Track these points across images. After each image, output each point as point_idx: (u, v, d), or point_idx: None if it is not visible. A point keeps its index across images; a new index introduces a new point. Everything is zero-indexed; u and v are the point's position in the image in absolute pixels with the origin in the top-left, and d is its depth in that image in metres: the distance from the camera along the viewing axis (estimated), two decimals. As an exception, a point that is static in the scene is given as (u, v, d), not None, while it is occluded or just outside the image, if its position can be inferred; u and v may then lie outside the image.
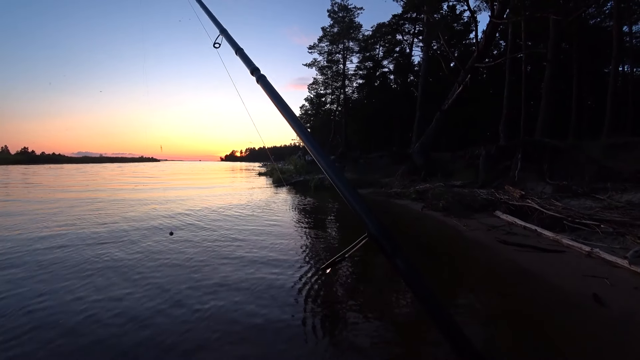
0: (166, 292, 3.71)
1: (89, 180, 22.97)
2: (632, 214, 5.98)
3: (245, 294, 3.70)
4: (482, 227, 6.88)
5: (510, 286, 4.12)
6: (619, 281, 3.88)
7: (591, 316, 3.23)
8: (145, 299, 3.53)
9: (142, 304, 3.43)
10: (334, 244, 6.13)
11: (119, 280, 4.08)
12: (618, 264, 4.29)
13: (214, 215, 8.62)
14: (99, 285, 3.90)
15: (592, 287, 3.72)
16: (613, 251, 4.68)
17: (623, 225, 5.48)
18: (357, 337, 2.91)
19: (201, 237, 6.23)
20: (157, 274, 4.30)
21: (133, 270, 4.43)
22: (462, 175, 13.04)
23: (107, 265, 4.60)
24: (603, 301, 3.45)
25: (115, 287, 3.85)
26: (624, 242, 5.05)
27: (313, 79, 35.68)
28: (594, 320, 3.16)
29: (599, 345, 2.76)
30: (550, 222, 6.32)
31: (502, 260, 5.00)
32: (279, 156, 59.07)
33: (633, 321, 3.10)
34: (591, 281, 3.93)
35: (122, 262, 4.77)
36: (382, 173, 18.05)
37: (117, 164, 72.46)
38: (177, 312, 3.27)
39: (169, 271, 4.40)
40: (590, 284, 3.86)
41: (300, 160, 25.37)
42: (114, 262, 4.76)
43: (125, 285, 3.93)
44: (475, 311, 3.52)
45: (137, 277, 4.16)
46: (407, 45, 28.95)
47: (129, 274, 4.28)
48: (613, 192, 7.35)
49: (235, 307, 3.38)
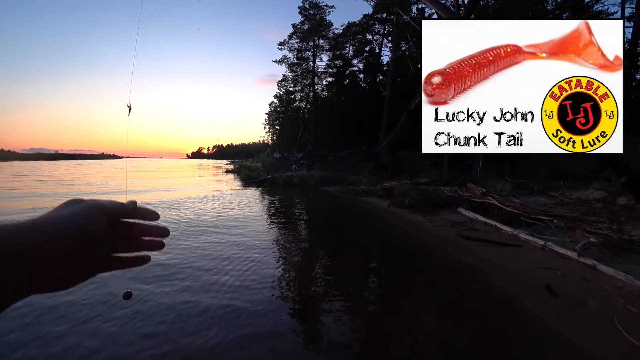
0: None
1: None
2: (581, 210, 6.38)
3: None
4: (446, 223, 7.08)
5: (471, 279, 4.27)
6: (569, 272, 4.11)
7: (544, 305, 3.40)
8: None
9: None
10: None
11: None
12: (568, 256, 4.54)
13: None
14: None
15: (546, 278, 3.91)
16: (564, 244, 4.95)
17: (573, 220, 5.83)
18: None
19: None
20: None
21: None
22: (427, 173, 13.39)
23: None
24: (555, 291, 3.64)
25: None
26: (574, 235, 5.37)
27: (282, 75, 35.29)
28: (547, 309, 3.33)
29: (553, 331, 2.90)
30: (509, 218, 6.61)
31: (464, 255, 5.17)
32: (247, 154, 58.15)
33: (580, 308, 3.30)
34: (545, 272, 4.14)
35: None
36: (350, 171, 18.20)
37: (77, 162, 67.19)
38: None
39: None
40: (544, 275, 4.06)
41: (269, 158, 25.12)
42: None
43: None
44: (437, 304, 3.60)
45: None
46: (376, 45, 29.33)
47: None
48: (565, 190, 7.80)
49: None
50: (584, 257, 4.32)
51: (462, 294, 3.88)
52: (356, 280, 4.34)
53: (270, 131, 45.39)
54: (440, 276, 4.49)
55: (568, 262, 4.44)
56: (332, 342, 2.77)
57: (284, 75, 35.01)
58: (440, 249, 5.64)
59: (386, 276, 4.52)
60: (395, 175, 14.60)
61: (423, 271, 4.73)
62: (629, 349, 2.59)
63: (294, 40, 31.88)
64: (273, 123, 43.15)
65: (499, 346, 2.77)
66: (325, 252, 5.61)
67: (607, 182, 7.53)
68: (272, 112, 40.83)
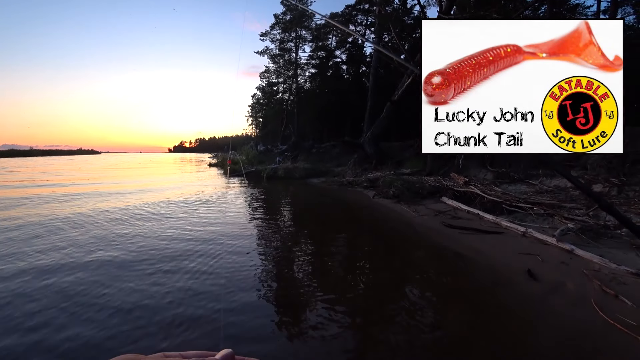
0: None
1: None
2: (559, 197, 6.58)
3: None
4: (430, 213, 7.19)
5: (455, 266, 4.37)
6: (548, 257, 4.25)
7: (525, 289, 3.52)
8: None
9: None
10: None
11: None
12: (548, 242, 4.69)
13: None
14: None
15: (527, 264, 4.04)
16: (544, 231, 5.11)
17: (552, 207, 6.01)
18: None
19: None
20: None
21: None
22: (411, 163, 13.54)
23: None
24: (535, 275, 3.76)
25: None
26: (552, 222, 5.54)
27: (265, 67, 34.79)
28: (527, 292, 3.44)
29: (533, 313, 3.00)
30: (491, 206, 6.77)
31: (448, 242, 5.27)
32: (231, 147, 57.35)
33: (559, 291, 3.43)
34: (526, 258, 4.27)
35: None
36: (334, 162, 18.25)
37: (49, 158, 64.23)
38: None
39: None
40: (525, 260, 4.19)
41: (253, 151, 24.87)
42: None
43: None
44: (424, 290, 3.66)
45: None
46: (359, 36, 29.32)
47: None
48: (544, 178, 8.03)
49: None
50: (562, 242, 4.47)
51: (447, 279, 3.96)
52: (343, 269, 4.37)
53: (253, 123, 44.85)
54: (425, 263, 4.56)
55: (548, 247, 4.59)
56: (323, 329, 2.78)
57: (266, 67, 34.56)
58: (425, 237, 5.72)
59: (371, 264, 4.56)
60: (379, 166, 14.71)
61: (408, 259, 4.79)
62: (604, 327, 2.71)
63: (276, 31, 31.46)
64: (256, 115, 42.61)
65: (487, 326, 2.84)
66: (314, 242, 5.61)
67: (583, 170, 7.78)
68: (255, 105, 40.28)
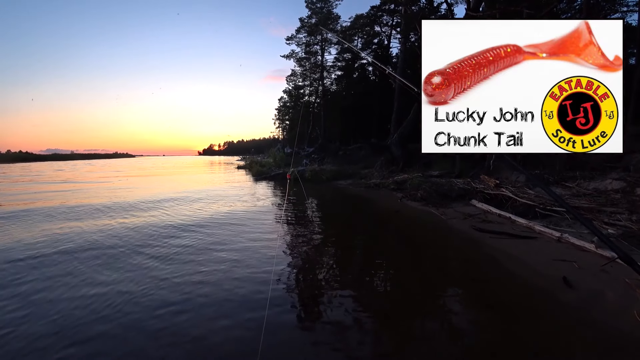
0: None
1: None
2: (598, 201, 6.26)
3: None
4: (459, 216, 7.05)
5: (486, 272, 4.26)
6: (586, 264, 4.07)
7: (561, 297, 3.39)
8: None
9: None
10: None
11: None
12: (585, 248, 4.49)
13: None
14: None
15: (562, 271, 3.89)
16: (581, 236, 4.89)
17: (590, 211, 5.74)
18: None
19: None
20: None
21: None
22: (439, 165, 13.28)
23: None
24: (571, 283, 3.61)
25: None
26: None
27: (291, 70, 35.17)
28: (564, 300, 3.31)
29: (568, 324, 2.90)
30: (524, 210, 6.55)
31: (478, 247, 5.15)
32: (258, 149, 58.44)
33: (598, 300, 3.28)
34: (561, 265, 4.11)
35: None
36: (361, 164, 18.16)
37: (88, 161, 67.59)
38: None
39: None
40: (560, 267, 4.03)
41: (280, 153, 25.20)
42: None
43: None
44: (459, 299, 3.61)
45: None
46: (385, 37, 29.04)
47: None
48: (581, 180, 7.67)
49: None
50: (601, 249, 4.27)
51: (479, 284, 3.87)
52: (372, 269, 4.37)
53: (280, 126, 45.49)
54: (455, 267, 4.49)
55: (585, 254, 4.40)
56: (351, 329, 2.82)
57: (292, 70, 34.92)
58: (454, 241, 5.62)
59: (401, 267, 4.53)
60: (406, 168, 14.52)
61: (439, 262, 4.73)
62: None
63: (302, 34, 31.74)
64: (283, 118, 43.19)
65: (521, 336, 2.77)
66: (343, 244, 5.65)
67: (625, 172, 7.37)
68: (282, 108, 40.83)
